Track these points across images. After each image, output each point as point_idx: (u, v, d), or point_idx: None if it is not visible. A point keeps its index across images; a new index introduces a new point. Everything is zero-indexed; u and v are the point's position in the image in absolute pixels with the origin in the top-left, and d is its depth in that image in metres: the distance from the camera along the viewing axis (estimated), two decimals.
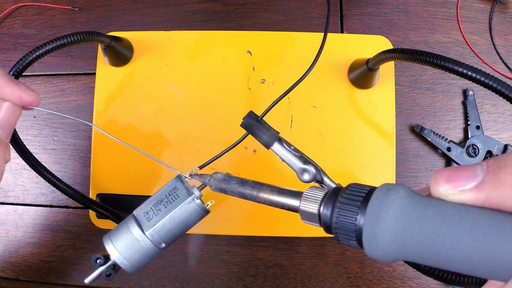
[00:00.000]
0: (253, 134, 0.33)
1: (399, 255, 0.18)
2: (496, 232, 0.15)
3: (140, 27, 0.55)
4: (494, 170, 0.16)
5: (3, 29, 0.57)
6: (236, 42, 0.51)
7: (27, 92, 0.29)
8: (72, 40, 0.38)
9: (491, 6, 0.55)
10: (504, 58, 0.53)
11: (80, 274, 0.54)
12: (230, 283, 0.53)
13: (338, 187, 0.23)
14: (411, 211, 0.17)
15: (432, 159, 0.52)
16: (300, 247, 0.52)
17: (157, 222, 0.31)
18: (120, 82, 0.50)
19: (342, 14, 0.55)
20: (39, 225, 0.54)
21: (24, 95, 0.29)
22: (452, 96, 0.53)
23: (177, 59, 0.51)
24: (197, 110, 0.50)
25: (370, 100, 0.50)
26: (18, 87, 0.29)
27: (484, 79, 0.32)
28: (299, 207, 0.24)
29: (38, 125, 0.55)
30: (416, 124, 0.51)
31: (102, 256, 0.31)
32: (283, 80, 0.50)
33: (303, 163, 0.31)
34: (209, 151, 0.49)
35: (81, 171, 0.54)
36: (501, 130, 0.52)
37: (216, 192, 0.30)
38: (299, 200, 0.24)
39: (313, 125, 0.50)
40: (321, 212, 0.22)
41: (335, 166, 0.49)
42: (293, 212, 0.25)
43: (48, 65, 0.55)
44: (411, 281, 0.52)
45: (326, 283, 0.52)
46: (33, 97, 0.30)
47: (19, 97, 0.29)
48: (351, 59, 0.50)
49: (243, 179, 0.29)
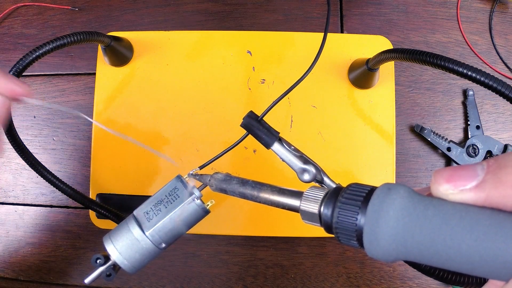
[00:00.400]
0: (253, 134, 0.33)
1: (399, 255, 0.18)
2: (496, 232, 0.15)
3: (140, 27, 0.55)
4: (495, 170, 0.16)
5: (3, 29, 0.57)
6: (236, 42, 0.51)
7: (18, 85, 0.30)
8: (72, 40, 0.39)
9: (491, 6, 0.55)
10: (504, 58, 0.53)
11: (80, 274, 0.54)
12: (230, 283, 0.53)
13: (338, 187, 0.23)
14: (411, 210, 0.17)
15: (432, 159, 0.52)
16: (300, 247, 0.52)
17: (157, 222, 0.31)
18: (120, 82, 0.50)
19: (342, 14, 0.55)
20: (39, 225, 0.54)
21: (16, 88, 0.29)
22: (452, 96, 0.53)
23: (177, 59, 0.51)
24: (197, 110, 0.50)
25: (370, 100, 0.50)
26: (8, 80, 0.29)
27: (484, 79, 0.32)
28: (300, 207, 0.24)
29: (38, 125, 0.55)
30: (416, 124, 0.51)
31: (102, 256, 0.31)
32: (283, 80, 0.50)
33: (303, 163, 0.31)
34: (209, 151, 0.49)
35: (81, 171, 0.54)
36: (501, 130, 0.52)
37: (217, 192, 0.30)
38: (299, 200, 0.24)
39: (313, 125, 0.50)
40: (322, 212, 0.22)
41: (335, 166, 0.49)
42: (293, 212, 0.25)
43: (48, 65, 0.55)
44: (411, 281, 0.52)
45: (326, 283, 0.52)
46: (24, 89, 0.30)
47: (11, 90, 0.29)
48: (351, 59, 0.50)
49: (244, 179, 0.29)
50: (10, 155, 0.55)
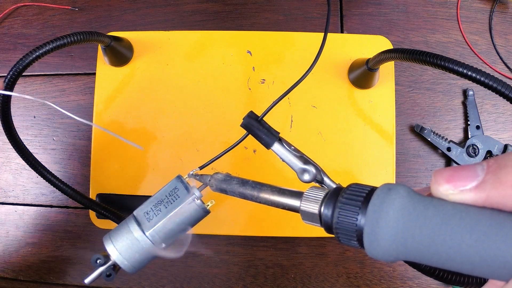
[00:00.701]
0: (253, 135, 0.33)
1: (399, 255, 0.18)
2: (496, 232, 0.15)
3: (140, 27, 0.55)
4: (495, 170, 0.16)
5: (3, 29, 0.57)
6: (236, 42, 0.51)
7: None
8: (72, 40, 0.38)
9: (491, 6, 0.55)
10: (504, 58, 0.53)
11: (80, 274, 0.54)
12: (230, 283, 0.53)
13: (338, 187, 0.23)
14: (411, 211, 0.17)
15: (432, 159, 0.52)
16: (300, 247, 0.52)
17: (157, 223, 0.31)
18: (120, 82, 0.50)
19: (342, 14, 0.55)
20: (39, 225, 0.54)
21: None
22: (452, 96, 0.53)
23: (177, 59, 0.51)
24: (197, 110, 0.50)
25: (370, 100, 0.50)
26: None
27: (484, 79, 0.32)
28: (300, 207, 0.24)
29: (38, 125, 0.55)
30: (416, 124, 0.51)
31: (102, 256, 0.31)
32: (283, 80, 0.50)
33: (303, 163, 0.30)
34: (209, 151, 0.49)
35: (81, 171, 0.54)
36: (501, 130, 0.52)
37: (217, 192, 0.30)
38: (299, 200, 0.24)
39: (313, 125, 0.50)
40: (322, 212, 0.22)
41: (335, 166, 0.49)
42: (293, 212, 0.25)
43: (48, 65, 0.55)
44: (411, 281, 0.52)
45: (326, 283, 0.52)
46: None
47: None
48: (351, 59, 0.50)
49: (244, 179, 0.29)
50: (10, 155, 0.55)
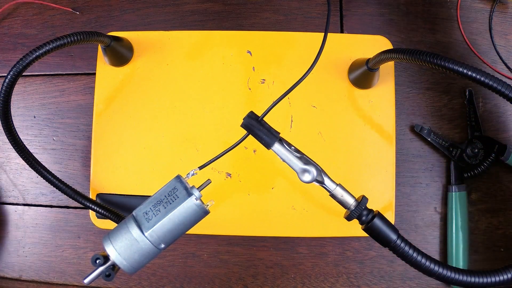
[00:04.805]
0: (254, 135, 0.33)
1: None
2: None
3: (140, 27, 0.55)
4: None
5: (3, 29, 0.57)
6: (236, 42, 0.51)
7: None
8: (72, 40, 0.38)
9: (491, 6, 0.54)
10: (504, 58, 0.53)
11: (80, 274, 0.54)
12: (230, 283, 0.53)
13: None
14: None
15: (432, 159, 0.52)
16: (300, 247, 0.52)
17: (156, 223, 0.31)
18: (120, 82, 0.50)
19: (342, 14, 0.55)
20: (39, 225, 0.54)
21: None
22: (452, 96, 0.53)
23: (177, 59, 0.51)
24: (197, 110, 0.50)
25: (370, 100, 0.50)
26: None
27: (484, 79, 0.32)
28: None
29: (38, 125, 0.55)
30: (416, 124, 0.51)
31: (101, 257, 0.31)
32: (283, 80, 0.50)
33: (304, 164, 0.30)
34: (209, 151, 0.49)
35: (81, 171, 0.54)
36: (501, 130, 0.52)
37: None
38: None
39: (313, 125, 0.50)
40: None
41: (335, 166, 0.49)
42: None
43: (48, 65, 0.55)
44: (411, 281, 0.52)
45: (326, 283, 0.52)
46: None
47: None
48: (351, 59, 0.50)
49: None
50: (10, 155, 0.55)
